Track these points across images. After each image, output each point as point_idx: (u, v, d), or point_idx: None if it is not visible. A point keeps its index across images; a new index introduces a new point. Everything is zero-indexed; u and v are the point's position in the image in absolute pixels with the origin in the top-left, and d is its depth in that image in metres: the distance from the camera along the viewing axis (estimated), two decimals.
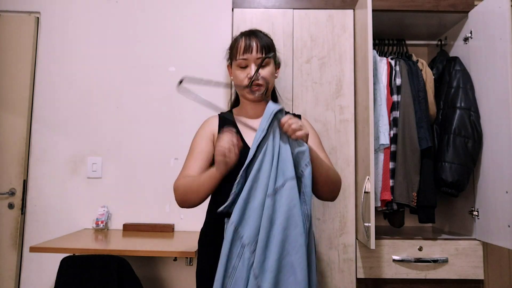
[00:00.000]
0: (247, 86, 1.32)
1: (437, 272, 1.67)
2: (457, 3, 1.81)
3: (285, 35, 1.80)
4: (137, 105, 2.21)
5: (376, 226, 2.00)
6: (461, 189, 1.72)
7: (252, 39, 1.34)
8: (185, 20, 2.25)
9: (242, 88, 1.35)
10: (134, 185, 2.17)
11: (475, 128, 1.70)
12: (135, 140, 2.20)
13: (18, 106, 2.18)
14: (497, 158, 1.60)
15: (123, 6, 2.26)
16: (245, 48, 1.33)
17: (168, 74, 2.23)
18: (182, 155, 2.19)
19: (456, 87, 1.77)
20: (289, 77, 1.78)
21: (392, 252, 1.69)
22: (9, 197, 2.14)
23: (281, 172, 1.15)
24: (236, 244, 1.13)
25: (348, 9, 1.80)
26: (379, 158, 1.76)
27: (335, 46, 1.79)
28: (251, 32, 1.37)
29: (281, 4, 1.81)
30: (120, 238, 1.90)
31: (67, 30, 2.25)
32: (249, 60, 1.33)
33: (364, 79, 1.63)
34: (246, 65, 1.33)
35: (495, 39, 1.61)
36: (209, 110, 1.48)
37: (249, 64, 1.33)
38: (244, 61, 1.33)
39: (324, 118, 1.76)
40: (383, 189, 1.74)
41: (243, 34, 1.37)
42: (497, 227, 1.57)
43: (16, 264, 2.10)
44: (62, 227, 2.13)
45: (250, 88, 1.32)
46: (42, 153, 2.18)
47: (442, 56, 1.95)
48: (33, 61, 2.22)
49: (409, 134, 1.74)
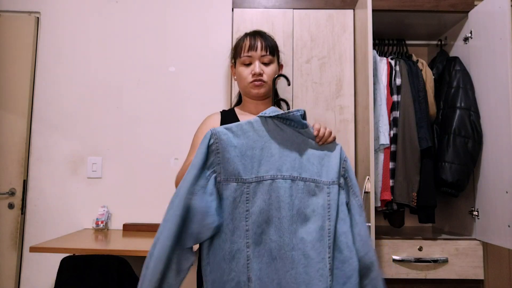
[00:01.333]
0: (250, 82, 1.34)
1: (437, 272, 1.67)
2: (457, 3, 1.81)
3: (285, 35, 1.80)
4: (137, 105, 2.21)
5: (376, 226, 1.99)
6: (461, 189, 1.72)
7: (257, 38, 1.36)
8: (185, 20, 2.25)
9: (246, 84, 1.36)
10: (134, 185, 2.17)
11: (475, 128, 1.70)
12: (135, 140, 2.20)
13: (18, 106, 2.18)
14: (497, 158, 1.60)
15: (123, 6, 2.26)
16: (250, 46, 1.35)
17: (168, 74, 2.23)
18: (182, 155, 2.19)
19: (456, 87, 1.77)
20: (289, 77, 1.78)
21: (392, 252, 1.68)
22: (9, 197, 2.14)
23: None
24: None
25: (348, 9, 1.80)
26: (379, 158, 1.76)
27: (335, 46, 1.79)
28: (256, 32, 1.40)
29: (281, 4, 1.81)
30: (120, 238, 1.90)
31: (67, 30, 2.25)
32: (253, 57, 1.35)
33: (364, 79, 1.63)
34: (250, 62, 1.35)
35: (495, 39, 1.61)
36: (209, 110, 1.49)
37: (253, 61, 1.35)
38: (248, 58, 1.35)
39: (324, 118, 1.76)
40: (383, 189, 1.74)
41: (248, 34, 1.40)
42: (497, 227, 1.57)
43: (16, 264, 2.10)
44: (62, 227, 2.13)
45: (253, 84, 1.34)
46: (42, 153, 2.18)
47: (442, 56, 1.95)
48: (33, 61, 2.22)
49: (409, 134, 1.74)
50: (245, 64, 1.36)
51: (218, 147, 1.08)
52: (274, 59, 1.37)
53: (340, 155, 1.13)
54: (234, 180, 1.07)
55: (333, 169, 1.11)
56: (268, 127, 1.11)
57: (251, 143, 1.10)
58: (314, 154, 1.12)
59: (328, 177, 1.10)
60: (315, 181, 1.09)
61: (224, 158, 1.07)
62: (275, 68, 1.38)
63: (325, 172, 1.11)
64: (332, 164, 1.12)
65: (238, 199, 1.07)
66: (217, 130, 1.09)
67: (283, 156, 1.10)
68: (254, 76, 1.33)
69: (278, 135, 1.11)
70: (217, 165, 1.08)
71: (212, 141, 1.08)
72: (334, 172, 1.11)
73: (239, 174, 1.07)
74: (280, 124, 1.11)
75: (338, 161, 1.12)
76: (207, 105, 2.19)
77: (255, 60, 1.35)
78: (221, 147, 1.08)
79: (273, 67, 1.37)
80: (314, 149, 1.13)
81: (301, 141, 1.12)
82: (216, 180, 1.08)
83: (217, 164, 1.08)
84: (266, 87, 1.36)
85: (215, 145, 1.08)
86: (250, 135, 1.10)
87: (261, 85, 1.34)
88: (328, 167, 1.11)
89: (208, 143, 1.08)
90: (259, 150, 1.10)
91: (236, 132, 1.10)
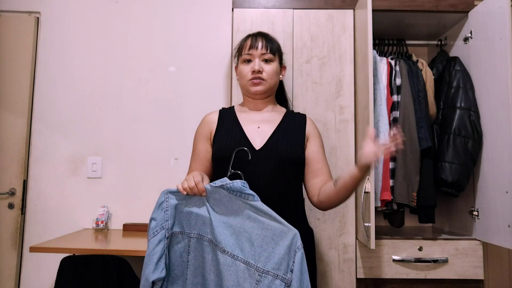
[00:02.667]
0: (250, 79, 1.35)
1: (437, 272, 1.67)
2: (457, 3, 1.81)
3: (285, 35, 1.80)
4: (137, 105, 2.21)
5: (376, 226, 2.00)
6: (461, 189, 1.72)
7: (258, 38, 1.38)
8: (185, 20, 2.25)
9: (246, 81, 1.37)
10: (134, 185, 2.17)
11: (475, 128, 1.70)
12: (135, 140, 2.20)
13: (18, 106, 2.18)
14: (497, 158, 1.60)
15: (123, 6, 2.26)
16: (251, 45, 1.37)
17: (168, 74, 2.23)
18: (182, 155, 2.19)
19: (456, 87, 1.77)
20: (289, 77, 1.78)
21: (392, 252, 1.68)
22: (9, 197, 2.14)
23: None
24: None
25: (348, 9, 1.80)
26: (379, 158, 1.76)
27: (335, 46, 1.79)
28: (259, 33, 1.41)
29: (281, 4, 1.81)
30: (120, 238, 1.90)
31: (67, 30, 2.25)
32: (253, 55, 1.36)
33: (364, 79, 1.62)
34: (251, 60, 1.36)
35: (495, 39, 1.60)
36: (209, 110, 1.49)
37: (253, 59, 1.36)
38: (249, 56, 1.36)
39: (324, 118, 1.76)
40: (383, 189, 1.74)
41: (251, 35, 1.41)
42: (497, 227, 1.57)
43: (16, 264, 2.10)
44: (62, 227, 2.13)
45: (252, 81, 1.34)
46: (42, 153, 2.18)
47: (442, 56, 1.95)
48: (33, 61, 2.22)
49: (409, 134, 1.74)
50: (245, 61, 1.37)
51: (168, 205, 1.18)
52: (275, 58, 1.37)
53: (290, 244, 1.04)
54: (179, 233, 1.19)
55: (276, 257, 1.04)
56: (215, 196, 1.14)
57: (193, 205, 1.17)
58: (258, 233, 1.07)
59: (265, 265, 1.05)
60: (247, 263, 1.06)
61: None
62: (276, 67, 1.38)
63: (264, 257, 1.05)
64: (276, 252, 1.04)
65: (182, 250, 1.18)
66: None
67: (219, 227, 1.11)
68: (253, 73, 1.34)
69: (223, 205, 1.13)
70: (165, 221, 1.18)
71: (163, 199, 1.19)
72: (275, 262, 1.04)
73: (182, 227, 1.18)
74: (229, 195, 1.13)
75: (284, 250, 1.03)
76: (207, 105, 2.19)
77: (255, 58, 1.35)
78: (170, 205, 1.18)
79: (273, 66, 1.37)
80: (260, 228, 1.07)
81: (248, 216, 1.10)
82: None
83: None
84: (266, 85, 1.35)
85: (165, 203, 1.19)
86: (194, 199, 1.17)
87: (260, 82, 1.34)
88: (271, 253, 1.05)
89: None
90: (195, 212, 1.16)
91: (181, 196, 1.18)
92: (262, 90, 1.35)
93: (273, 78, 1.37)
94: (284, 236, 1.05)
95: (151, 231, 1.17)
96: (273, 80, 1.37)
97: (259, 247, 1.06)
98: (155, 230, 1.16)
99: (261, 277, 1.04)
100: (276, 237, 1.06)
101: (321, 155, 1.35)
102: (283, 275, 1.03)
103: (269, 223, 1.07)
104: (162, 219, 1.17)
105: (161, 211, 1.17)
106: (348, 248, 1.70)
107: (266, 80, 1.35)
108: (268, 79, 1.35)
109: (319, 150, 1.36)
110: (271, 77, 1.36)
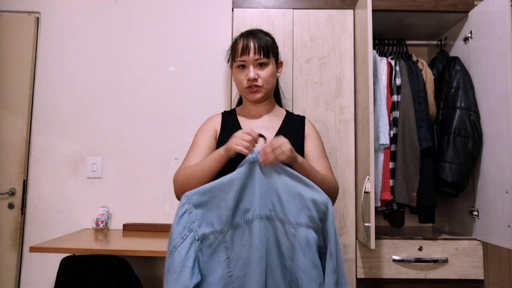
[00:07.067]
0: (246, 87, 1.33)
1: (437, 272, 1.67)
2: (457, 3, 1.81)
3: (285, 35, 1.80)
4: (137, 105, 2.21)
5: (376, 226, 2.00)
6: (461, 189, 1.72)
7: (250, 40, 1.33)
8: (185, 20, 2.25)
9: (242, 89, 1.36)
10: (134, 185, 2.17)
11: (475, 128, 1.70)
12: (135, 140, 2.20)
13: (18, 106, 2.18)
14: (497, 158, 1.60)
15: (123, 6, 2.26)
16: (242, 49, 1.33)
17: (168, 74, 2.23)
18: (182, 155, 2.18)
19: (456, 87, 1.77)
20: (289, 77, 1.78)
21: (392, 252, 1.68)
22: (9, 197, 2.14)
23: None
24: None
25: (348, 9, 1.80)
26: (379, 158, 1.76)
27: (335, 46, 1.79)
28: (250, 33, 1.37)
29: (281, 4, 1.81)
30: (120, 238, 1.90)
31: (67, 30, 2.25)
32: (247, 61, 1.33)
33: (364, 79, 1.63)
34: (245, 66, 1.34)
35: (495, 39, 1.60)
36: (209, 110, 1.49)
37: (247, 65, 1.33)
38: (242, 62, 1.34)
39: (324, 118, 1.76)
40: (383, 189, 1.74)
41: (242, 35, 1.37)
42: (497, 227, 1.57)
43: (16, 264, 2.10)
44: (62, 227, 2.13)
45: (249, 90, 1.33)
46: (42, 153, 2.18)
47: (442, 56, 1.95)
48: (33, 61, 2.22)
49: (409, 134, 1.74)
50: (239, 68, 1.35)
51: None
52: (269, 61, 1.34)
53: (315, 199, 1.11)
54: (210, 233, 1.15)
55: (303, 210, 1.12)
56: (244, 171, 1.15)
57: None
58: (290, 189, 1.13)
59: (297, 218, 1.11)
60: (281, 220, 1.12)
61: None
62: (271, 69, 1.35)
63: (294, 211, 1.12)
64: (303, 204, 1.12)
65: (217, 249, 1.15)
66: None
67: (258, 195, 1.13)
68: (249, 82, 1.32)
69: (255, 175, 1.15)
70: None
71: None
72: (305, 214, 1.11)
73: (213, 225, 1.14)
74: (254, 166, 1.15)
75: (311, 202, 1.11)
76: (207, 105, 2.19)
77: (249, 64, 1.33)
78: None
79: (269, 69, 1.34)
80: (288, 185, 1.13)
81: (276, 178, 1.14)
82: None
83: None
84: (262, 92, 1.34)
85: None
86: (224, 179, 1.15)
87: (256, 90, 1.33)
88: (299, 207, 1.12)
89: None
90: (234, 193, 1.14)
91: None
92: (259, 97, 1.35)
93: (269, 82, 1.35)
94: (313, 189, 1.13)
95: (179, 236, 1.11)
96: (270, 84, 1.36)
97: (287, 203, 1.12)
98: (183, 234, 1.12)
99: (295, 230, 1.10)
100: (304, 191, 1.13)
101: (316, 153, 1.34)
102: (312, 224, 1.11)
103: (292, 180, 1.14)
104: (188, 221, 1.13)
105: (185, 215, 1.14)
106: (348, 248, 1.70)
107: (262, 86, 1.33)
108: (265, 85, 1.34)
109: (315, 148, 1.35)
110: (267, 82, 1.34)
